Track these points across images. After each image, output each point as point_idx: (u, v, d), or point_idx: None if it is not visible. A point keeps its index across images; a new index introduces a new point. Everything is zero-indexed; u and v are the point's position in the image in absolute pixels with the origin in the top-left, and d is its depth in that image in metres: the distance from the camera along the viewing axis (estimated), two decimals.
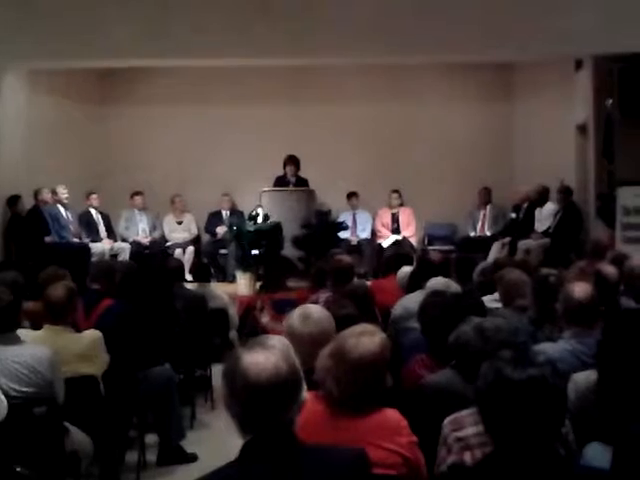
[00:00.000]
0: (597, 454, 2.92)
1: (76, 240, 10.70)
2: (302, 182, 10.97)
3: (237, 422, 2.12)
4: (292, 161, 10.98)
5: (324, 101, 11.98)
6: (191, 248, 11.51)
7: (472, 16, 9.13)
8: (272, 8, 9.29)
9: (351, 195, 11.92)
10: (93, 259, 9.97)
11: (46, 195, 10.55)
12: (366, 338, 2.97)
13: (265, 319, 6.72)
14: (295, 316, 3.54)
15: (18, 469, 3.84)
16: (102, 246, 10.88)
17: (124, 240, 11.43)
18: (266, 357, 2.10)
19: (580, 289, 4.08)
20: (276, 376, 2.08)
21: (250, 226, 9.72)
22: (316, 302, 4.92)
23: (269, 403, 2.08)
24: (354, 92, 12.00)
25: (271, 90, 12.00)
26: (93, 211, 11.35)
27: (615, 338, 3.30)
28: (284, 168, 11.06)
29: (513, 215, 11.24)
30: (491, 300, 5.15)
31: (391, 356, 3.09)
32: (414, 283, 5.89)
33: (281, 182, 10.96)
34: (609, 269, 5.33)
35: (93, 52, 9.51)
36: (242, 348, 2.17)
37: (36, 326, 4.75)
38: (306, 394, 2.20)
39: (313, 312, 3.57)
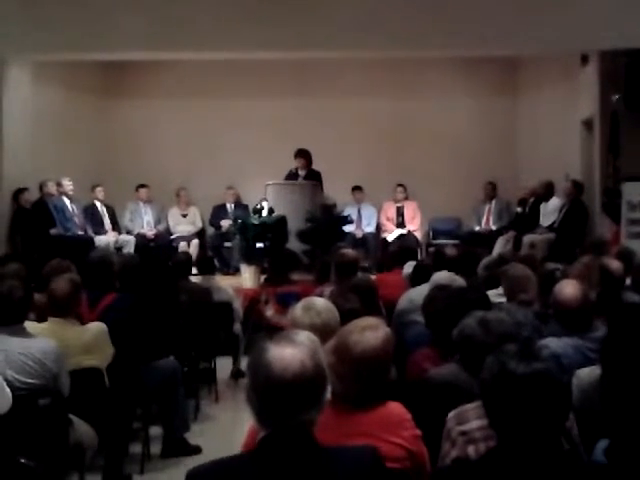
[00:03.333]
0: None
1: (81, 233, 10.72)
2: (313, 175, 10.80)
3: (256, 416, 2.07)
4: (301, 155, 10.84)
5: (329, 95, 11.96)
6: (196, 241, 11.53)
7: (476, 10, 9.09)
8: (277, 1, 9.28)
9: (356, 189, 11.91)
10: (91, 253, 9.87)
11: (51, 187, 10.57)
12: (369, 333, 2.94)
13: (269, 312, 6.73)
14: (298, 307, 3.54)
15: (22, 460, 3.84)
16: (107, 239, 10.90)
17: (129, 233, 11.44)
18: (292, 353, 2.04)
19: (569, 294, 4.01)
20: (301, 373, 2.02)
21: (255, 219, 9.71)
22: (320, 295, 4.91)
23: (290, 400, 2.02)
24: (359, 86, 11.98)
25: (276, 84, 11.99)
26: (98, 204, 11.36)
27: (619, 333, 3.29)
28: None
29: (518, 209, 11.22)
30: (495, 294, 5.13)
31: (395, 349, 3.08)
32: (421, 276, 5.87)
33: (291, 176, 10.84)
34: (615, 264, 5.30)
35: (98, 44, 9.50)
36: (269, 341, 2.09)
37: (41, 318, 4.75)
38: (329, 395, 2.13)
39: (316, 304, 3.56)
